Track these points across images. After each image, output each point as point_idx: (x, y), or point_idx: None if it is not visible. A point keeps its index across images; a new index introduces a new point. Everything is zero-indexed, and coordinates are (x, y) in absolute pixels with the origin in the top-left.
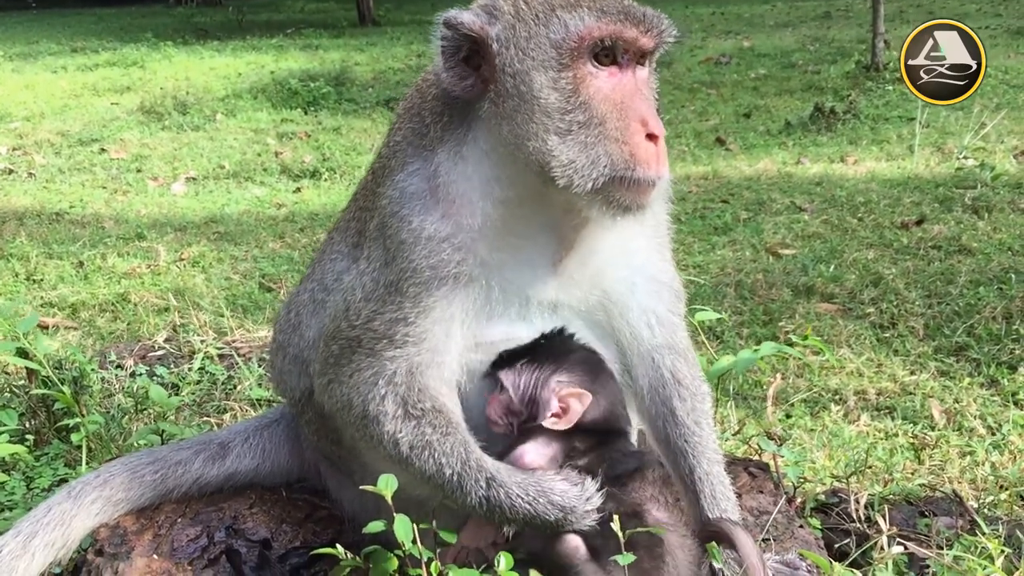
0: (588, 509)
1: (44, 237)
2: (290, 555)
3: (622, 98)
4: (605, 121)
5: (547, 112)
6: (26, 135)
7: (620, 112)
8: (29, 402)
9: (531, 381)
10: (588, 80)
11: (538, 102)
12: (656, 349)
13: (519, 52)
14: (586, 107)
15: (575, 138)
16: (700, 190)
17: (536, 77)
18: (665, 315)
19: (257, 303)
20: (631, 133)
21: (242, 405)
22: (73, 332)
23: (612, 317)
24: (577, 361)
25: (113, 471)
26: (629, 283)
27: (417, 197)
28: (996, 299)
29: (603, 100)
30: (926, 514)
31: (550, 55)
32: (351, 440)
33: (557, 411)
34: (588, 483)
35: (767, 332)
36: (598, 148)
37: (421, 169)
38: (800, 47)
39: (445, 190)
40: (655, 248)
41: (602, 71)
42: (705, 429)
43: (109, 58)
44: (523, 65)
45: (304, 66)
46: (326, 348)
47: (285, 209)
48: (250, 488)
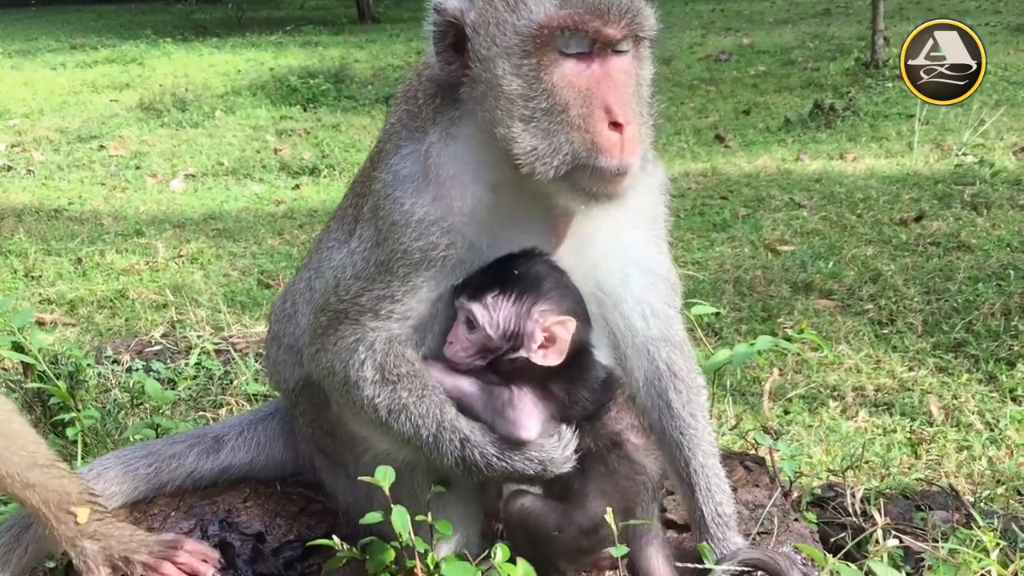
0: (567, 455)
1: (42, 234)
2: (284, 548)
3: (588, 86)
4: (567, 109)
5: (511, 98)
6: (25, 132)
7: (584, 100)
8: (25, 397)
9: (510, 315)
10: (551, 68)
11: (503, 88)
12: (651, 341)
13: (488, 38)
14: (549, 95)
15: (538, 125)
16: (699, 187)
17: (501, 64)
18: (660, 307)
19: (255, 299)
20: (594, 121)
21: (238, 400)
22: (71, 329)
23: (605, 308)
24: (554, 286)
25: (107, 464)
26: (623, 274)
27: (410, 179)
28: (995, 295)
29: (567, 88)
30: (922, 508)
31: (514, 42)
32: (338, 408)
33: (543, 342)
34: (564, 431)
35: (766, 328)
36: (560, 136)
37: (414, 152)
38: (800, 44)
39: (436, 172)
40: (651, 240)
41: (568, 59)
42: (701, 422)
43: (108, 55)
44: (490, 52)
45: (303, 63)
46: (315, 320)
47: (284, 206)
48: (244, 482)
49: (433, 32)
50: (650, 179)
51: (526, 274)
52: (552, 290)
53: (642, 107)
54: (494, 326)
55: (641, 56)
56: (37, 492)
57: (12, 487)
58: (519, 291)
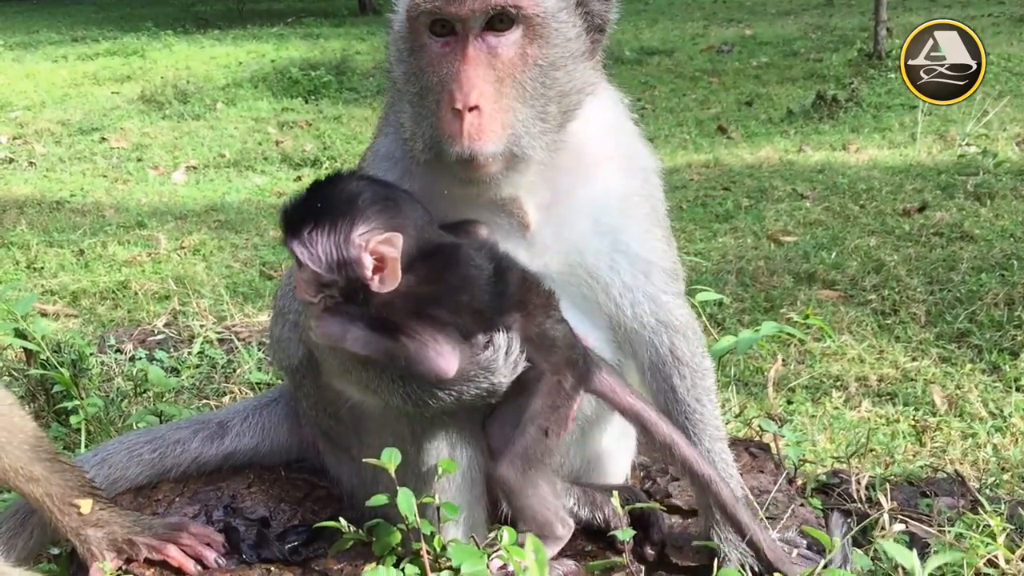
0: (511, 361)
1: (45, 226)
2: (288, 533)
3: (445, 70)
4: (428, 93)
5: (397, 82)
6: (27, 124)
7: (439, 84)
8: (28, 385)
9: (329, 246)
10: (421, 51)
11: (393, 72)
12: (648, 328)
13: (388, 28)
14: (418, 78)
15: (414, 109)
16: (702, 178)
17: (392, 49)
18: (655, 293)
19: (257, 290)
20: (440, 106)
21: (241, 388)
22: (73, 320)
23: (596, 293)
24: (370, 202)
25: (111, 450)
26: (610, 260)
27: (386, 158)
28: (998, 285)
29: (431, 72)
30: (927, 495)
31: (401, 26)
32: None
33: (375, 267)
34: (496, 339)
35: (769, 319)
36: (423, 121)
37: (393, 133)
38: (802, 35)
39: (409, 152)
40: (641, 226)
41: (435, 41)
42: (707, 406)
43: (109, 47)
44: (390, 36)
45: (305, 55)
46: None
47: (286, 198)
48: (249, 467)
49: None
50: (632, 163)
51: (338, 197)
52: (368, 208)
53: (522, 89)
54: (316, 261)
55: (535, 36)
56: (40, 486)
57: (16, 480)
58: (332, 218)
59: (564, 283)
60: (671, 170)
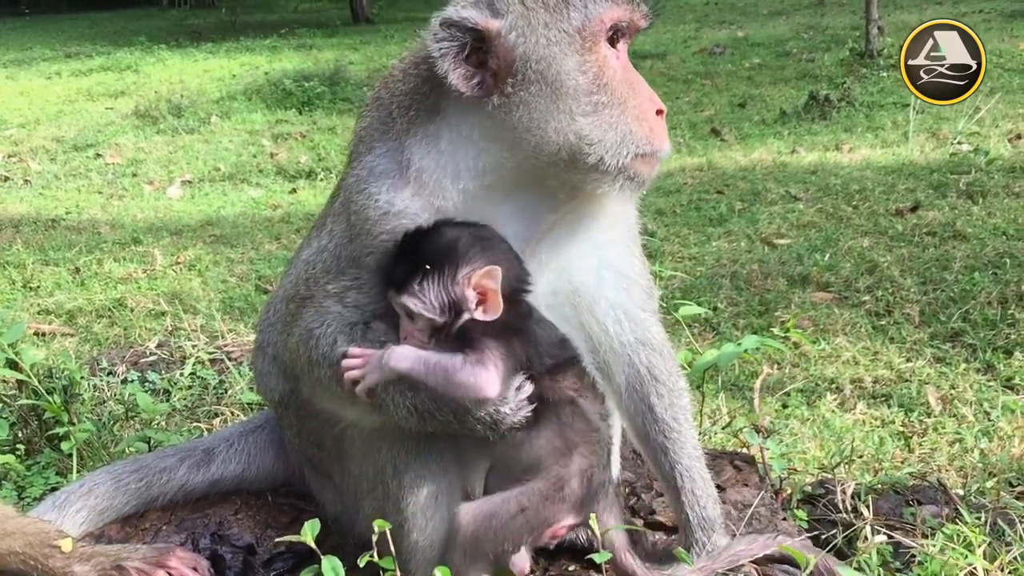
0: (519, 401)
1: (40, 244)
2: (275, 560)
3: (630, 77)
4: (626, 100)
5: (574, 95)
6: (21, 142)
7: (634, 91)
8: (20, 411)
9: (440, 291)
10: (606, 62)
11: (565, 86)
12: (629, 346)
13: (541, 39)
14: (608, 88)
15: (602, 118)
16: (695, 181)
17: (563, 62)
18: (635, 311)
19: (253, 305)
20: (646, 110)
21: (233, 410)
22: (70, 339)
23: (580, 311)
24: (468, 244)
25: (97, 480)
26: (597, 275)
27: (386, 175)
28: (991, 284)
29: (620, 80)
30: (911, 503)
31: (574, 40)
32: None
33: (479, 300)
34: (514, 379)
35: (763, 323)
36: (622, 127)
37: (389, 151)
38: (794, 35)
39: (417, 172)
40: (625, 244)
41: (612, 52)
42: (684, 425)
43: (103, 63)
44: (548, 51)
45: (298, 66)
46: (284, 308)
47: (281, 210)
48: (236, 493)
49: (446, 48)
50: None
51: (437, 246)
52: (467, 249)
53: None
54: (431, 308)
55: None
56: (18, 538)
57: None
58: (438, 266)
59: (548, 306)
60: (665, 175)
